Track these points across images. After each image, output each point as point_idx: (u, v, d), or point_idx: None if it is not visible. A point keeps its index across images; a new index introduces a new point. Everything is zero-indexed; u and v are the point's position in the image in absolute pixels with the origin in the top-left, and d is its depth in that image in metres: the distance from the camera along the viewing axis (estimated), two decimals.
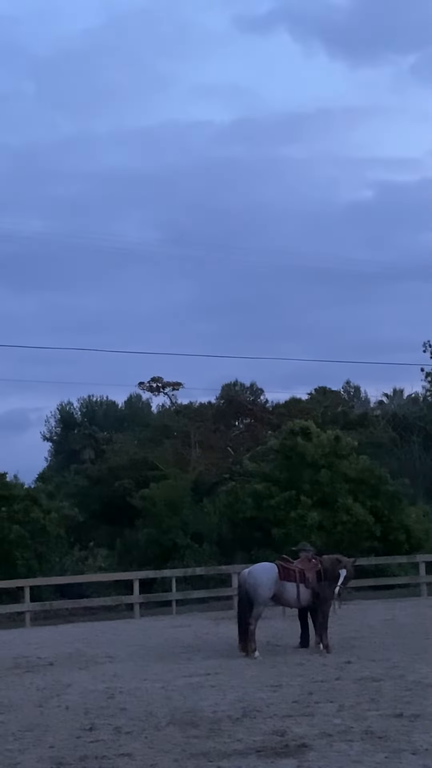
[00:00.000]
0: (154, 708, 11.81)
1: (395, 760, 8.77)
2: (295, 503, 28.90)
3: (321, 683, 13.00)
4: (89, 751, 9.72)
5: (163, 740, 10.04)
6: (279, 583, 16.40)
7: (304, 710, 11.23)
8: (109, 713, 11.67)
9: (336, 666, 14.41)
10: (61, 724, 11.17)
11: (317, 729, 10.14)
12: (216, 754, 9.30)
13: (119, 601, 25.62)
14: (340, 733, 9.90)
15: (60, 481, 39.22)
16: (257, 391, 52.19)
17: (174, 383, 45.94)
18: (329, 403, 47.11)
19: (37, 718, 11.65)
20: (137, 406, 56.98)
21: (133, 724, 10.94)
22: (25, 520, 29.02)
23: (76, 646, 18.61)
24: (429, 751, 9.01)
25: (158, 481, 33.80)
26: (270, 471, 30.84)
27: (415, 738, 9.54)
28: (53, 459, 53.75)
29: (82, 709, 12.03)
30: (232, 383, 50.99)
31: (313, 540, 26.67)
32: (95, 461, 44.08)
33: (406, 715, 10.58)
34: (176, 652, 16.96)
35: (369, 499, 29.29)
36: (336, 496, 29.02)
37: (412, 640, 16.90)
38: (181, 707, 11.76)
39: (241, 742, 9.76)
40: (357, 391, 56.57)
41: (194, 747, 9.64)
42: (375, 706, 11.27)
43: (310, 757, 9.06)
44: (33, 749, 9.98)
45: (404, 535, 29.23)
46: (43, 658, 17.00)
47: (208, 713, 11.29)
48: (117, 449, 42.80)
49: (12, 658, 17.19)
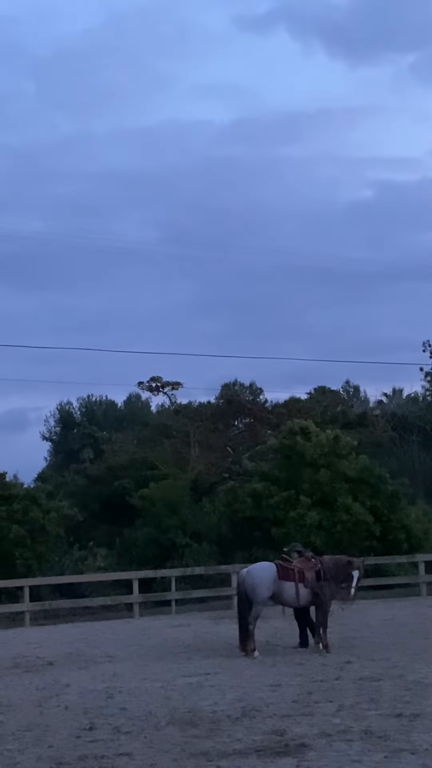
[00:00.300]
0: (153, 708, 11.81)
1: (395, 760, 8.77)
2: (294, 503, 28.90)
3: (320, 683, 13.00)
4: (88, 751, 9.72)
5: (162, 740, 10.04)
6: (278, 583, 16.39)
7: (303, 710, 11.23)
8: (108, 713, 11.67)
9: (335, 666, 14.41)
10: (60, 723, 11.17)
11: (317, 729, 10.14)
12: (215, 754, 9.30)
13: (118, 600, 25.61)
14: (340, 733, 9.89)
15: (59, 480, 39.22)
16: (257, 391, 52.16)
17: (173, 383, 45.91)
18: (328, 403, 47.08)
19: (37, 717, 11.64)
20: (136, 405, 56.96)
21: (132, 723, 10.94)
22: (25, 519, 29.03)
23: (76, 645, 18.61)
24: (428, 751, 9.01)
25: (157, 481, 33.80)
26: (269, 470, 30.85)
27: (414, 738, 9.54)
28: (52, 458, 53.73)
29: (81, 708, 12.03)
30: (231, 383, 50.95)
31: (312, 540, 26.74)
32: (94, 461, 44.06)
33: (405, 715, 10.58)
34: (176, 652, 16.96)
35: (368, 499, 29.28)
36: (335, 496, 29.02)
37: (411, 639, 16.90)
38: (181, 707, 11.76)
39: (240, 742, 9.76)
40: (356, 390, 56.52)
41: (194, 747, 9.64)
42: (374, 705, 11.27)
43: (309, 756, 9.06)
44: (32, 749, 9.98)
45: (403, 535, 29.23)
46: (42, 658, 17.00)
47: (207, 713, 11.30)
48: (116, 449, 42.79)
49: (11, 658, 17.19)
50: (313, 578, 16.49)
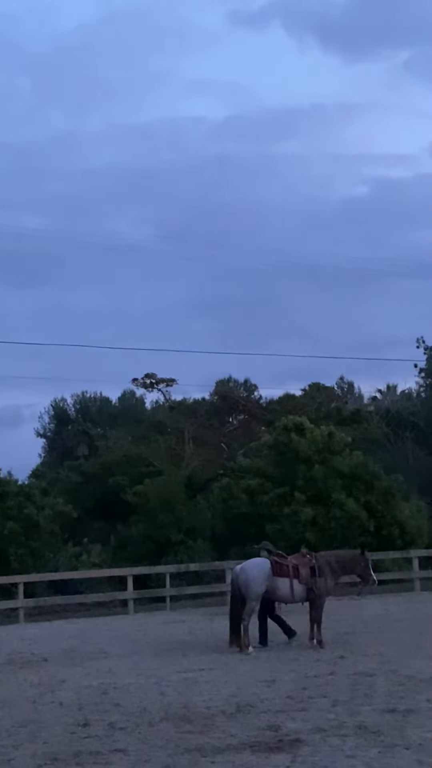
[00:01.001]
0: (148, 704, 11.82)
1: (388, 755, 8.80)
2: (288, 499, 28.93)
3: (314, 678, 13.03)
4: (83, 747, 9.73)
5: (156, 736, 10.05)
6: (272, 579, 16.41)
7: (297, 705, 11.25)
8: (103, 709, 11.68)
9: (329, 661, 14.44)
10: (55, 720, 11.18)
11: (311, 724, 10.16)
12: (210, 750, 9.32)
13: (113, 597, 25.62)
14: (334, 728, 9.92)
15: (54, 477, 39.16)
16: (251, 387, 52.28)
17: (168, 379, 45.95)
18: (323, 399, 47.14)
19: (31, 714, 11.65)
20: (131, 402, 56.92)
21: (127, 719, 10.95)
22: (19, 516, 29.00)
23: (70, 642, 18.61)
24: (422, 746, 9.04)
25: (152, 478, 33.80)
26: (264, 467, 30.87)
27: (408, 733, 9.57)
28: (47, 455, 53.66)
29: (76, 705, 12.04)
30: (226, 379, 51.05)
31: (307, 536, 26.76)
32: (89, 457, 44.05)
33: (399, 710, 10.61)
34: (170, 648, 16.98)
35: (362, 495, 29.30)
36: (329, 492, 29.04)
37: (405, 635, 16.94)
38: (175, 703, 11.77)
39: (234, 738, 9.78)
40: (350, 387, 56.60)
41: (188, 742, 9.66)
42: (368, 701, 11.30)
43: (303, 752, 9.08)
44: (27, 745, 9.99)
45: (398, 531, 29.26)
46: (36, 654, 17.00)
47: (202, 709, 11.31)
48: (111, 445, 42.78)
49: (6, 655, 17.19)
50: (307, 574, 16.52)
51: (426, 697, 11.28)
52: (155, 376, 45.51)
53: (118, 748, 9.62)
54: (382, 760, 8.68)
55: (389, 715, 10.43)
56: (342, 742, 9.33)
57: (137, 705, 11.78)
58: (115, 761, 9.16)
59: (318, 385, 49.63)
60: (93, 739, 10.05)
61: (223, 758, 9.02)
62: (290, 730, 9.97)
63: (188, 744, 9.58)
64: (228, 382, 50.96)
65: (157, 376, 45.53)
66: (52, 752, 9.60)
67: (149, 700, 12.08)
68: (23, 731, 10.66)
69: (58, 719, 11.18)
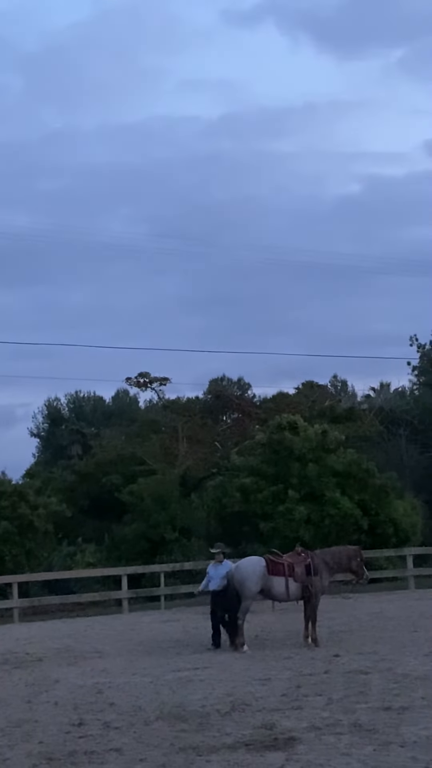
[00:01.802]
0: (142, 703, 11.82)
1: (383, 753, 8.81)
2: (282, 497, 28.92)
3: (309, 676, 13.04)
4: (78, 747, 9.73)
5: (152, 735, 10.05)
6: (267, 578, 16.41)
7: (292, 704, 11.26)
8: (97, 708, 11.68)
9: (324, 659, 14.46)
10: (50, 719, 11.18)
11: (306, 722, 10.18)
12: (205, 748, 9.32)
13: (108, 596, 25.61)
14: (329, 726, 9.93)
15: (48, 476, 39.11)
16: (245, 386, 52.27)
17: (161, 378, 45.84)
18: (316, 398, 47.13)
19: (26, 713, 11.65)
20: (124, 401, 56.90)
21: (122, 719, 10.95)
22: (13, 516, 28.96)
23: (65, 641, 18.61)
24: (417, 744, 9.05)
25: (146, 476, 33.78)
26: (258, 465, 30.84)
27: (403, 730, 9.58)
28: (41, 455, 53.65)
29: (71, 704, 12.04)
30: (219, 378, 51.04)
31: (301, 534, 26.76)
32: (83, 457, 44.02)
33: (394, 708, 10.62)
34: (165, 647, 16.98)
35: (356, 493, 29.31)
36: (323, 490, 29.05)
37: (399, 633, 16.97)
38: (170, 702, 11.78)
39: (230, 736, 9.78)
40: (344, 385, 56.66)
41: (183, 741, 9.66)
42: (363, 699, 11.31)
43: (298, 750, 9.09)
44: (22, 744, 9.98)
45: (392, 529, 29.28)
46: (31, 654, 17.00)
47: (197, 707, 11.32)
48: (104, 445, 42.75)
49: (0, 654, 17.18)
50: (302, 572, 16.53)
51: (421, 695, 11.31)
52: (149, 375, 45.39)
53: (113, 747, 9.62)
54: (377, 757, 8.69)
55: (384, 712, 10.45)
56: (337, 740, 9.34)
57: (132, 704, 11.79)
58: (110, 760, 9.16)
59: (311, 383, 49.66)
60: (88, 739, 10.05)
61: (219, 757, 9.02)
62: (285, 728, 9.97)
63: (183, 743, 9.59)
64: (222, 381, 50.96)
65: (150, 375, 45.41)
66: (47, 752, 9.59)
67: (144, 699, 12.09)
68: (18, 731, 10.66)
69: (53, 719, 11.18)
